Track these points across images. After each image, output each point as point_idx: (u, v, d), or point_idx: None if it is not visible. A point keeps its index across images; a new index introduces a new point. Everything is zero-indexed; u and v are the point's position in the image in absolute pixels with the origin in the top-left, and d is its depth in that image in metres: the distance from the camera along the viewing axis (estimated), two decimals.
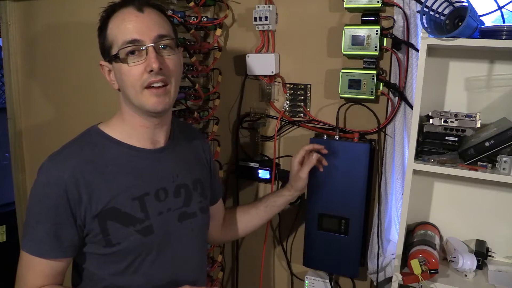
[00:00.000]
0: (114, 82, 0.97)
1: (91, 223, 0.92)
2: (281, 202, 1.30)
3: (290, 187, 1.30)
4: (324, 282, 1.49)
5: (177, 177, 1.04)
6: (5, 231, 2.29)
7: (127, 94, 0.94)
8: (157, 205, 0.99)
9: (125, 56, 0.91)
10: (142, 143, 1.00)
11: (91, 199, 0.91)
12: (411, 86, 1.26)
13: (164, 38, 0.93)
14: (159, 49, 0.92)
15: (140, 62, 0.91)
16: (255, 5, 1.44)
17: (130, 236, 0.94)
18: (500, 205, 1.29)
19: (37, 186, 0.92)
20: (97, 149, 0.96)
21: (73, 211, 0.91)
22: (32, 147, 1.80)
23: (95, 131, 0.99)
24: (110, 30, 0.93)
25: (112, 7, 0.94)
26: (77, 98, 1.63)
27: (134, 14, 0.92)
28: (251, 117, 1.57)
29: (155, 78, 0.91)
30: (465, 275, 1.22)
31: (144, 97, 0.93)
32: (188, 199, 1.06)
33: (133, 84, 0.92)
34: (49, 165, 0.92)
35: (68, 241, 0.92)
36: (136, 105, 0.95)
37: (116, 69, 0.94)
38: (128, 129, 0.99)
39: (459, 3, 1.09)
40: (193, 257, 1.09)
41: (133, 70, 0.91)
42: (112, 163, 0.96)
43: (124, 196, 0.95)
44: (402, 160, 1.31)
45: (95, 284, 0.97)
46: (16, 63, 1.71)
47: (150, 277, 0.99)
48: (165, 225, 1.00)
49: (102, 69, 0.98)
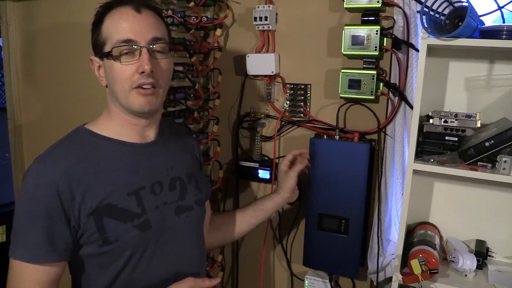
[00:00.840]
0: (102, 78, 0.97)
1: (87, 222, 0.90)
2: (270, 205, 1.30)
3: (280, 189, 1.31)
4: (324, 282, 1.49)
5: (171, 170, 1.04)
6: (5, 231, 2.29)
7: (115, 92, 0.94)
8: (153, 199, 0.98)
9: (118, 55, 0.91)
10: (132, 138, 0.99)
11: (85, 198, 0.90)
12: (411, 86, 1.26)
13: (159, 41, 0.93)
14: (152, 52, 0.92)
15: (132, 62, 0.91)
16: (255, 5, 1.44)
17: (128, 232, 0.93)
18: (500, 205, 1.29)
19: (26, 189, 0.89)
20: (87, 148, 0.95)
21: (66, 212, 0.89)
22: (32, 147, 1.80)
23: (82, 131, 0.99)
24: (105, 27, 0.93)
25: (109, 3, 0.94)
26: (77, 98, 1.62)
27: (132, 14, 0.92)
28: (251, 117, 1.57)
29: (146, 80, 0.91)
30: (465, 275, 1.22)
31: (132, 97, 0.93)
32: (184, 192, 1.05)
33: (123, 83, 0.92)
34: (38, 167, 0.90)
35: (63, 243, 0.90)
36: (123, 104, 0.95)
37: (107, 66, 0.94)
38: (116, 126, 0.99)
39: (459, 3, 1.09)
40: (192, 252, 1.08)
41: (124, 69, 0.91)
42: (105, 159, 0.95)
43: (119, 192, 0.94)
44: (402, 160, 1.31)
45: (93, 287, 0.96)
46: (16, 63, 1.71)
47: (149, 274, 0.98)
48: (162, 219, 0.99)
49: (92, 64, 0.98)
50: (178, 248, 1.03)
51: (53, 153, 0.93)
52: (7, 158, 2.18)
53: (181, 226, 1.04)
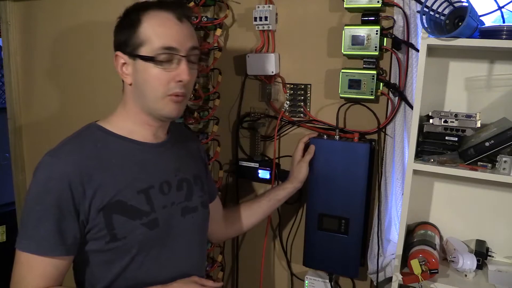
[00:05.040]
0: (127, 76, 0.97)
1: (96, 218, 0.91)
2: (284, 195, 1.35)
3: (293, 179, 1.35)
4: (324, 282, 1.49)
5: (178, 171, 1.05)
6: (5, 231, 2.30)
7: (145, 95, 0.95)
8: (162, 198, 1.00)
9: (159, 60, 0.92)
10: (145, 138, 1.01)
11: (96, 193, 0.91)
12: (411, 86, 1.26)
13: (195, 51, 0.96)
14: (190, 62, 0.95)
15: (170, 70, 0.93)
16: (255, 5, 1.44)
17: (136, 230, 0.94)
18: (500, 205, 1.29)
19: (37, 182, 0.90)
20: (99, 144, 0.96)
21: (76, 206, 0.90)
22: (32, 147, 1.80)
23: (95, 128, 0.99)
24: (143, 28, 0.93)
25: (146, 4, 0.95)
26: (77, 98, 1.63)
27: (174, 21, 0.94)
28: (251, 117, 1.57)
29: (180, 89, 0.94)
30: (465, 275, 1.22)
31: (164, 103, 0.95)
32: (190, 193, 1.07)
33: (157, 89, 0.93)
34: (51, 161, 0.91)
35: (71, 237, 0.91)
36: (150, 107, 0.96)
37: (140, 67, 0.94)
38: (131, 125, 1.00)
39: (459, 3, 1.09)
40: (194, 253, 1.09)
41: (162, 75, 0.92)
42: (116, 157, 0.96)
43: (129, 189, 0.95)
44: (402, 160, 1.31)
45: (97, 285, 0.96)
46: (16, 63, 1.71)
47: (153, 273, 0.98)
48: (169, 219, 1.00)
49: (116, 60, 0.98)
50: (182, 248, 1.04)
51: (66, 148, 0.94)
52: (7, 158, 2.19)
53: (187, 226, 1.05)
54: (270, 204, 1.34)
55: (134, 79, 0.96)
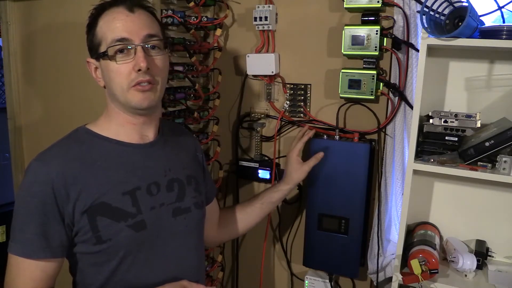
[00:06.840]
0: (100, 79, 0.98)
1: (80, 220, 0.91)
2: (278, 197, 1.31)
3: (289, 180, 1.31)
4: (324, 282, 1.50)
5: (169, 171, 1.03)
6: (5, 231, 2.29)
7: (114, 92, 0.95)
8: (149, 199, 0.98)
9: (113, 54, 0.92)
10: (131, 138, 1.00)
11: (80, 196, 0.91)
12: (411, 86, 1.26)
13: (153, 38, 0.94)
14: (147, 49, 0.93)
15: (128, 61, 0.92)
16: (255, 5, 1.44)
17: (121, 232, 0.93)
18: (500, 205, 1.29)
19: (24, 186, 0.91)
20: (84, 146, 0.96)
21: (60, 209, 0.90)
22: (32, 147, 1.80)
23: (82, 130, 1.00)
24: (99, 28, 0.94)
25: (102, 5, 0.95)
26: (77, 98, 1.62)
27: (125, 13, 0.93)
28: (251, 117, 1.57)
29: (143, 77, 0.92)
30: (465, 275, 1.22)
31: (130, 95, 0.94)
32: (182, 194, 1.05)
33: (121, 82, 0.93)
34: (36, 164, 0.92)
35: (57, 240, 0.91)
36: (122, 102, 0.96)
37: (103, 66, 0.95)
38: (116, 126, 0.99)
39: (459, 3, 1.09)
40: (190, 256, 1.06)
41: (121, 68, 0.92)
42: (101, 159, 0.96)
43: (114, 191, 0.94)
44: (402, 160, 1.31)
45: (89, 286, 0.96)
46: (16, 63, 1.71)
47: (144, 276, 0.97)
48: (158, 220, 0.98)
49: (89, 66, 0.99)
50: (175, 250, 1.02)
51: (52, 151, 0.95)
52: (7, 158, 2.19)
53: (179, 228, 1.03)
54: (263, 207, 1.30)
55: (104, 80, 0.97)
